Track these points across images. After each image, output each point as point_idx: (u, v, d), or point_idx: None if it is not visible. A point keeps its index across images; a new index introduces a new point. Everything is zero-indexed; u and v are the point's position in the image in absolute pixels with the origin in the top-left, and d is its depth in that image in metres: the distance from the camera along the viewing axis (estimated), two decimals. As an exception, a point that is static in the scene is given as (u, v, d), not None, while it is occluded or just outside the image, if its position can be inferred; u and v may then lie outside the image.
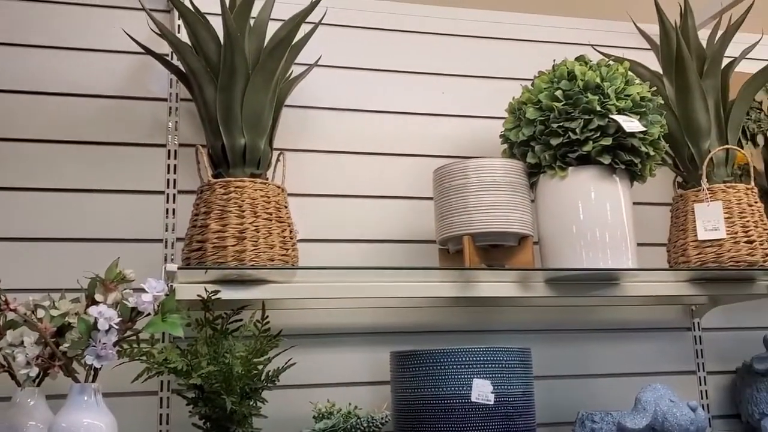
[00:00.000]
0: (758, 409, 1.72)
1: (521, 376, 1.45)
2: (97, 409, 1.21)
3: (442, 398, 1.40)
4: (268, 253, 1.38)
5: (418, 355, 1.44)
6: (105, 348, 1.19)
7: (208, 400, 1.32)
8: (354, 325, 1.67)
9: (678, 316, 1.87)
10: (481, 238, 1.52)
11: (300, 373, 1.58)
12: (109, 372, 1.32)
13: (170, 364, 1.29)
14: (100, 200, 1.60)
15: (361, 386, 1.63)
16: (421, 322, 1.71)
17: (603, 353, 1.80)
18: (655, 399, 1.51)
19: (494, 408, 1.40)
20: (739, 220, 1.59)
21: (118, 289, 1.29)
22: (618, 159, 1.51)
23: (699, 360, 1.85)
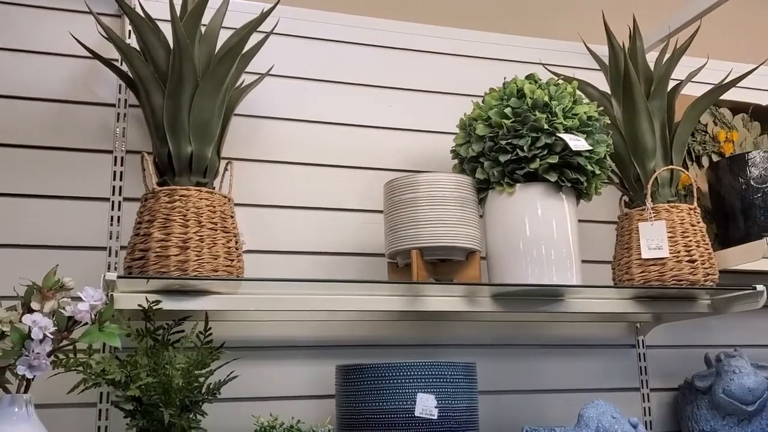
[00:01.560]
0: (698, 426, 1.75)
1: (466, 390, 1.45)
2: (28, 422, 1.18)
3: (386, 412, 1.40)
4: (212, 264, 1.36)
5: (363, 369, 1.44)
6: (38, 358, 1.16)
7: (147, 412, 1.29)
8: (300, 338, 1.65)
9: (622, 333, 1.89)
10: (429, 253, 1.52)
11: (243, 386, 1.56)
12: (44, 383, 1.29)
13: (108, 375, 1.26)
14: (42, 206, 1.56)
15: (306, 400, 1.61)
16: (368, 336, 1.70)
17: (548, 369, 1.81)
18: (597, 415, 1.53)
19: (438, 423, 1.39)
20: (682, 239, 1.62)
21: (56, 297, 1.26)
22: (564, 177, 1.53)
23: (643, 377, 1.88)
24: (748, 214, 1.77)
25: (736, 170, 1.80)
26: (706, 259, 1.62)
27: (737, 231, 1.79)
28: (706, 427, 1.73)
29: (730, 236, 1.81)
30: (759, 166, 1.76)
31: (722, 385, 1.70)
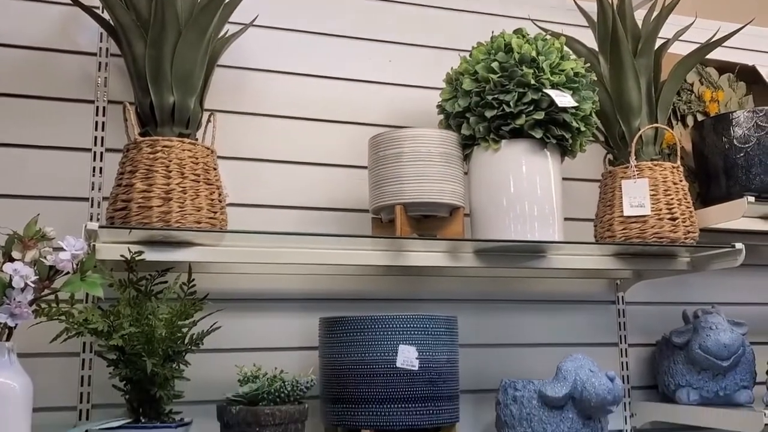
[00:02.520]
0: (674, 380, 1.79)
1: (446, 343, 1.47)
2: (10, 369, 1.18)
3: (368, 363, 1.42)
4: (195, 216, 1.35)
5: (346, 321, 1.45)
6: (20, 307, 1.16)
7: (130, 362, 1.29)
8: (283, 291, 1.66)
9: (603, 289, 1.92)
10: (413, 208, 1.53)
11: (226, 338, 1.57)
12: (26, 332, 1.29)
13: (90, 325, 1.27)
14: (22, 155, 1.54)
15: (289, 351, 1.63)
16: (352, 290, 1.71)
17: (528, 324, 1.84)
18: (575, 368, 1.56)
19: (419, 373, 1.42)
20: (664, 197, 1.63)
21: (37, 246, 1.25)
22: (549, 133, 1.53)
23: (621, 332, 1.91)
24: (730, 173, 1.78)
25: (720, 130, 1.80)
26: (687, 217, 1.64)
27: (719, 190, 1.80)
28: (682, 381, 1.77)
29: (712, 195, 1.82)
30: (742, 126, 1.77)
31: (699, 341, 1.73)
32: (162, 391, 1.31)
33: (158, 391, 1.30)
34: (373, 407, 1.40)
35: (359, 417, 1.41)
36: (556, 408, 1.54)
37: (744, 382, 1.75)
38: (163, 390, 1.31)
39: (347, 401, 1.42)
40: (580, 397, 1.52)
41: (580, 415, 1.54)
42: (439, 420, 1.43)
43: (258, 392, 1.34)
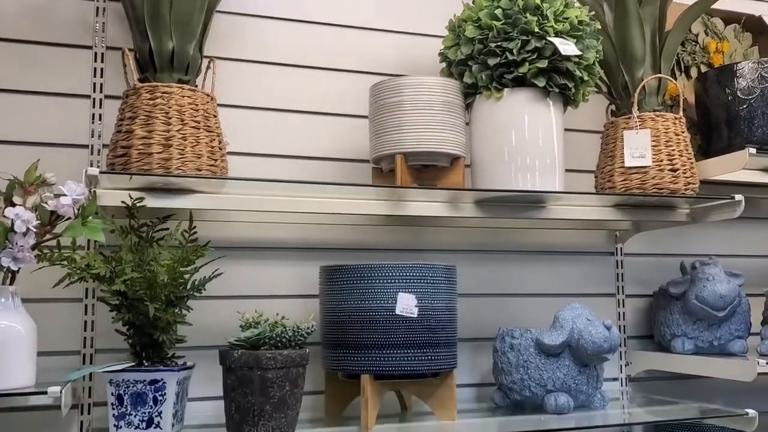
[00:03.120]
0: (670, 330, 1.81)
1: (445, 291, 1.48)
2: (15, 312, 1.20)
3: (368, 310, 1.43)
4: (196, 163, 1.35)
5: (347, 270, 1.46)
6: (22, 251, 1.17)
7: (132, 307, 1.31)
8: (284, 240, 1.67)
9: (602, 240, 1.93)
10: (413, 158, 1.52)
11: (228, 285, 1.59)
12: (30, 277, 1.30)
13: (93, 270, 1.28)
14: (20, 101, 1.53)
15: (290, 299, 1.65)
16: (352, 240, 1.72)
17: (527, 274, 1.85)
18: (572, 317, 1.58)
19: (418, 321, 1.43)
20: (665, 148, 1.63)
21: (38, 192, 1.26)
22: (552, 82, 1.52)
23: (619, 283, 1.93)
24: (732, 125, 1.77)
25: (724, 81, 1.79)
26: (688, 168, 1.64)
27: (720, 142, 1.80)
28: (677, 331, 1.79)
29: (713, 148, 1.82)
30: (747, 78, 1.75)
31: (695, 292, 1.75)
32: (164, 335, 1.33)
33: (161, 336, 1.32)
34: (373, 353, 1.42)
35: (359, 362, 1.43)
36: (552, 356, 1.56)
37: (739, 332, 1.77)
38: (165, 334, 1.33)
39: (347, 347, 1.44)
40: (577, 345, 1.54)
41: (577, 362, 1.56)
42: (438, 366, 1.45)
43: (260, 337, 1.36)
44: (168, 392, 1.28)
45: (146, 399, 1.28)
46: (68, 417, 1.48)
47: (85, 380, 1.50)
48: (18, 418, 1.46)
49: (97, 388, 1.49)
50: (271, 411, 1.31)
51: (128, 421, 1.28)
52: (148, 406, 1.28)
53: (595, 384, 1.59)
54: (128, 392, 1.28)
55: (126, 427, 1.28)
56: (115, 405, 1.28)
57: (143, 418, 1.28)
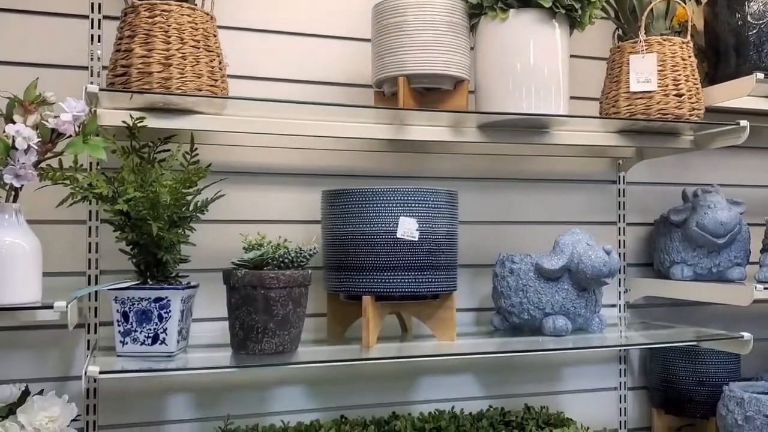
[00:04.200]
0: (669, 257, 1.83)
1: (446, 216, 1.49)
2: (19, 229, 1.20)
3: (369, 234, 1.44)
4: (196, 83, 1.34)
5: (348, 193, 1.46)
6: (24, 168, 1.17)
7: (135, 226, 1.32)
8: (285, 165, 1.67)
9: (604, 169, 1.92)
10: (416, 80, 1.51)
11: (230, 210, 1.60)
12: (33, 198, 1.31)
13: (95, 190, 1.28)
14: (18, 21, 1.50)
15: (292, 224, 1.65)
16: (353, 166, 1.72)
17: (529, 202, 1.86)
18: (572, 242, 1.59)
19: (419, 244, 1.44)
20: (671, 73, 1.60)
21: (38, 111, 1.25)
22: (559, 3, 1.49)
23: (620, 212, 1.93)
24: (741, 51, 1.74)
25: (734, 5, 1.75)
26: (694, 93, 1.62)
27: (728, 69, 1.77)
28: (677, 258, 1.81)
29: (720, 75, 1.79)
30: (759, 1, 1.71)
31: (696, 219, 1.75)
32: (168, 255, 1.34)
33: (164, 255, 1.33)
34: (374, 275, 1.44)
35: (361, 284, 1.45)
36: (551, 280, 1.58)
37: (738, 260, 1.78)
38: (169, 254, 1.34)
39: (349, 269, 1.46)
40: (576, 269, 1.56)
41: (575, 286, 1.58)
42: (437, 288, 1.47)
43: (263, 258, 1.37)
44: (173, 310, 1.30)
45: (151, 316, 1.30)
46: (75, 336, 1.52)
47: (91, 300, 1.52)
48: (25, 336, 1.49)
49: (102, 308, 1.52)
50: (274, 329, 1.34)
51: (134, 338, 1.30)
52: (153, 323, 1.30)
53: (593, 308, 1.61)
54: (133, 309, 1.30)
55: (132, 344, 1.30)
56: (120, 322, 1.30)
57: (149, 335, 1.30)
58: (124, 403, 1.54)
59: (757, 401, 1.60)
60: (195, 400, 1.60)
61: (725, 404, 1.66)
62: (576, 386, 1.88)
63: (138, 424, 1.56)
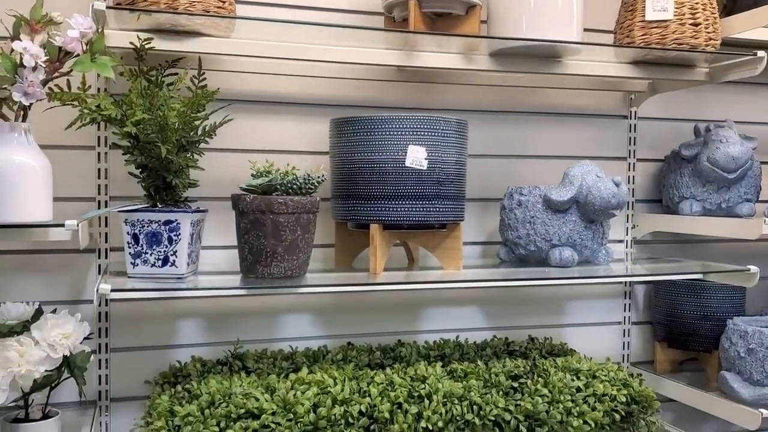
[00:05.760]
0: (678, 192, 1.82)
1: (455, 145, 1.48)
2: (29, 148, 1.21)
3: (378, 162, 1.44)
4: (203, 4, 1.32)
5: (357, 121, 1.45)
6: (32, 86, 1.17)
7: (144, 149, 1.32)
8: (293, 94, 1.65)
9: (616, 103, 1.90)
10: (427, 4, 1.48)
11: (239, 139, 1.60)
12: (43, 122, 1.31)
13: (104, 112, 1.28)
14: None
15: (300, 155, 1.65)
16: (362, 97, 1.70)
17: (539, 135, 1.84)
18: (582, 174, 1.58)
19: (427, 173, 1.44)
20: (688, 1, 1.57)
21: (45, 30, 1.23)
22: (575, -74, 1.44)
23: (631, 147, 1.92)
24: (761, -19, 1.70)
25: (756, -68, 1.69)
26: (711, 23, 1.59)
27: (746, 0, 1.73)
28: (686, 193, 1.80)
29: (739, 6, 1.75)
30: (781, -72, 1.66)
31: (707, 154, 1.74)
32: (177, 179, 1.34)
33: (174, 179, 1.34)
34: (382, 203, 1.44)
35: (369, 212, 1.45)
36: (559, 211, 1.58)
37: (747, 195, 1.77)
38: (178, 178, 1.34)
39: (357, 198, 1.46)
40: (585, 201, 1.55)
41: (583, 218, 1.58)
42: (445, 218, 1.48)
43: (271, 184, 1.37)
44: (182, 233, 1.31)
45: (161, 239, 1.31)
46: (86, 260, 1.54)
47: (102, 226, 1.54)
48: (37, 260, 1.51)
49: (113, 233, 1.53)
50: (282, 253, 1.35)
51: (144, 260, 1.32)
52: (163, 246, 1.31)
53: (600, 240, 1.62)
54: (143, 232, 1.31)
55: (142, 265, 1.32)
56: (131, 244, 1.32)
57: (159, 257, 1.31)
58: (136, 327, 1.57)
59: (760, 334, 1.61)
60: (205, 325, 1.63)
61: (728, 337, 1.67)
62: (580, 320, 1.90)
63: (149, 347, 1.59)
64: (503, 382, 1.44)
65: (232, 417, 1.26)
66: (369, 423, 1.31)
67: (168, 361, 1.57)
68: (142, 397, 1.55)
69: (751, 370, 1.62)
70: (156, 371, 1.53)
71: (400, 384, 1.39)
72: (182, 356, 1.58)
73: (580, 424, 1.39)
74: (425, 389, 1.38)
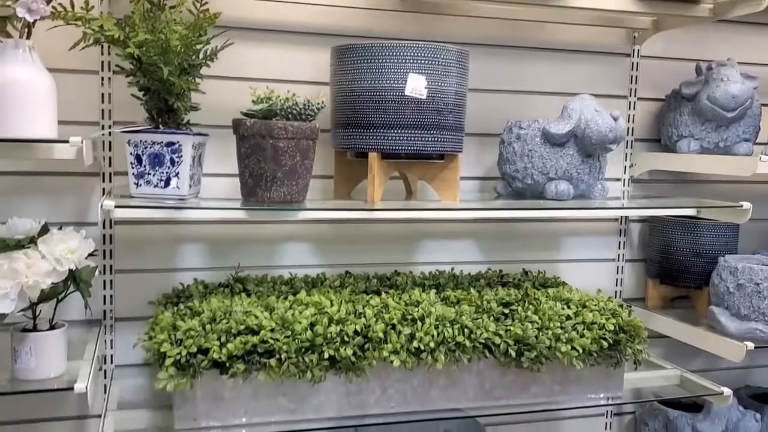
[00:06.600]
0: (677, 131, 1.83)
1: (456, 75, 1.49)
2: (33, 65, 1.22)
3: (378, 90, 1.45)
4: (206, -75, 1.32)
5: (358, 49, 1.46)
6: (36, 2, 1.18)
7: (147, 71, 1.33)
8: (295, 22, 1.66)
9: (619, 41, 1.89)
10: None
11: (240, 66, 1.61)
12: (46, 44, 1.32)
13: (106, 32, 1.29)
14: None
15: (301, 84, 1.66)
16: (362, 26, 1.71)
17: (540, 71, 1.84)
18: (581, 107, 1.59)
19: (426, 102, 1.45)
20: (695, -65, 1.55)
21: (47, -53, 1.24)
22: None
23: (632, 86, 1.92)
24: None
25: None
26: (718, -45, 1.57)
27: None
28: (685, 132, 1.81)
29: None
30: None
31: (708, 92, 1.74)
32: (179, 101, 1.36)
33: (175, 102, 1.36)
34: (381, 132, 1.46)
35: (368, 141, 1.47)
36: (557, 145, 1.59)
37: (746, 135, 1.78)
38: (180, 101, 1.36)
39: (357, 126, 1.48)
40: (583, 135, 1.57)
41: (580, 152, 1.60)
42: (443, 148, 1.49)
43: (271, 109, 1.39)
44: (184, 155, 1.34)
45: (163, 160, 1.34)
46: (90, 183, 1.57)
47: (106, 150, 1.56)
48: (42, 182, 1.54)
49: (116, 157, 1.56)
50: (282, 178, 1.37)
51: (147, 180, 1.35)
52: (165, 167, 1.34)
53: (596, 174, 1.64)
54: (146, 153, 1.33)
55: (145, 186, 1.35)
56: (134, 164, 1.34)
57: (161, 178, 1.34)
58: (139, 250, 1.62)
59: (750, 270, 1.64)
60: (207, 250, 1.67)
61: (719, 273, 1.71)
62: (575, 256, 1.93)
63: (153, 269, 1.63)
64: (494, 309, 1.49)
65: (232, 332, 1.30)
66: (363, 342, 1.36)
67: (171, 284, 1.61)
68: (145, 317, 1.60)
69: (738, 305, 1.65)
70: (159, 293, 1.58)
71: (394, 307, 1.44)
72: (185, 279, 1.63)
73: (568, 349, 1.44)
74: (418, 312, 1.42)
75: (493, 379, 1.45)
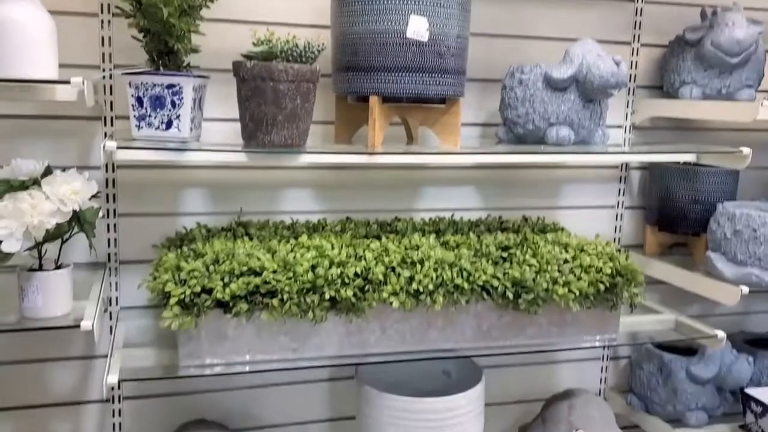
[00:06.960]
0: (680, 77, 1.82)
1: (458, 18, 1.47)
2: (31, 4, 1.22)
3: (378, 32, 1.44)
4: None
5: (359, -10, 1.45)
6: (33, -60, 1.17)
7: (147, 12, 1.32)
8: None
9: (624, -18, 1.88)
10: None
11: (240, 9, 1.60)
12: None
13: (105, -28, 1.28)
14: None
15: (302, 27, 1.65)
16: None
17: (544, 16, 1.82)
18: (583, 52, 1.58)
19: (428, 45, 1.44)
20: None
21: None
22: None
23: (636, 32, 1.90)
24: None
25: None
26: None
27: None
28: (687, 78, 1.80)
29: None
30: None
31: (712, 37, 1.73)
32: (179, 43, 1.36)
33: (175, 44, 1.35)
34: (382, 75, 1.45)
35: (368, 84, 1.46)
36: (558, 90, 1.59)
37: (749, 81, 1.77)
38: (180, 43, 1.36)
39: (357, 69, 1.47)
40: (584, 80, 1.56)
41: (582, 97, 1.60)
42: (445, 92, 1.49)
43: (271, 51, 1.39)
44: (185, 97, 1.34)
45: (164, 102, 1.34)
46: (92, 127, 1.57)
47: (107, 93, 1.56)
48: (44, 126, 1.55)
49: (118, 101, 1.56)
50: (282, 121, 1.38)
51: (149, 122, 1.35)
52: (166, 109, 1.34)
53: (597, 120, 1.64)
54: (147, 95, 1.34)
55: (147, 128, 1.35)
56: (135, 107, 1.35)
57: (162, 120, 1.35)
58: (142, 194, 1.63)
59: (747, 216, 1.66)
60: (209, 195, 1.68)
61: (717, 219, 1.72)
62: (575, 203, 1.94)
63: (155, 213, 1.65)
64: (493, 252, 1.51)
65: (235, 273, 1.33)
66: (363, 284, 1.38)
67: (174, 228, 1.63)
68: (149, 261, 1.62)
69: (735, 250, 1.67)
70: (162, 237, 1.60)
71: (394, 251, 1.46)
72: (187, 223, 1.64)
73: (565, 292, 1.46)
74: (418, 255, 1.44)
75: (491, 320, 1.48)
